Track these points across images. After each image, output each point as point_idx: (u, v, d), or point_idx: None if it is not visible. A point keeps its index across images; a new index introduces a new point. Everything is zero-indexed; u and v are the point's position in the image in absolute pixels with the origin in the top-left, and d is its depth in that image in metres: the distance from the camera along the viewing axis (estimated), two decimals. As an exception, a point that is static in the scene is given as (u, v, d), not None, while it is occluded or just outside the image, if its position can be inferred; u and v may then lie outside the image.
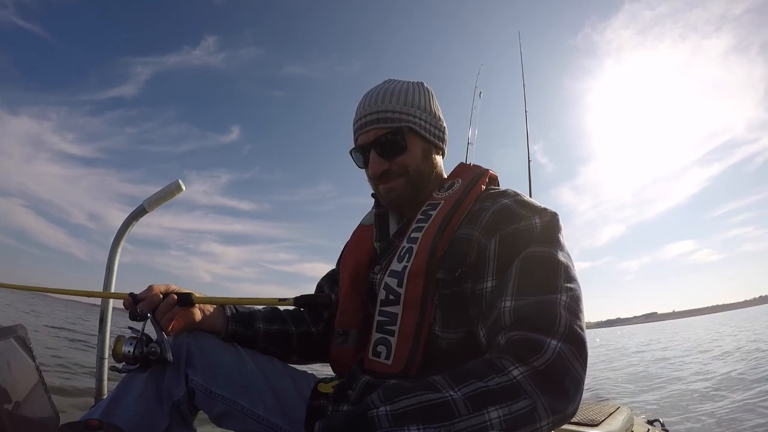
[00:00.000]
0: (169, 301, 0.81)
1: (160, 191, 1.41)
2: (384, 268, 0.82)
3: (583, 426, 1.28)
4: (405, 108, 0.85)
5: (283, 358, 0.96)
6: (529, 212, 0.73)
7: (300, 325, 1.00)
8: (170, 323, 0.82)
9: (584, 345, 0.59)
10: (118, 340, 0.78)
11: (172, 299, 0.82)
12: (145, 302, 0.81)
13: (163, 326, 0.81)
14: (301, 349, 0.99)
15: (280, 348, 0.97)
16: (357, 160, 0.90)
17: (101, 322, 1.36)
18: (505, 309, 0.63)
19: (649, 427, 1.64)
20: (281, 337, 0.97)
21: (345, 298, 0.91)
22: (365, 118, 0.86)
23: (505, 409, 0.51)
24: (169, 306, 0.81)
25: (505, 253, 0.70)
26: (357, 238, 1.00)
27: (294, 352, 0.99)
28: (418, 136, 0.86)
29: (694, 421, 3.85)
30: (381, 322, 0.77)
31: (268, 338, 0.95)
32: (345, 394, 0.78)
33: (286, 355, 0.98)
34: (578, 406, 0.56)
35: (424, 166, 0.87)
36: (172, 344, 0.81)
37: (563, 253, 0.70)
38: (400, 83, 0.89)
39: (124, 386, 0.81)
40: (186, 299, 0.83)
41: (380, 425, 0.51)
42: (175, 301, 0.82)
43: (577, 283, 0.67)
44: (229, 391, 0.82)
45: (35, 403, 1.06)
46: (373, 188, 0.92)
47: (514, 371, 0.54)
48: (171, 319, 0.82)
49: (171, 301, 0.82)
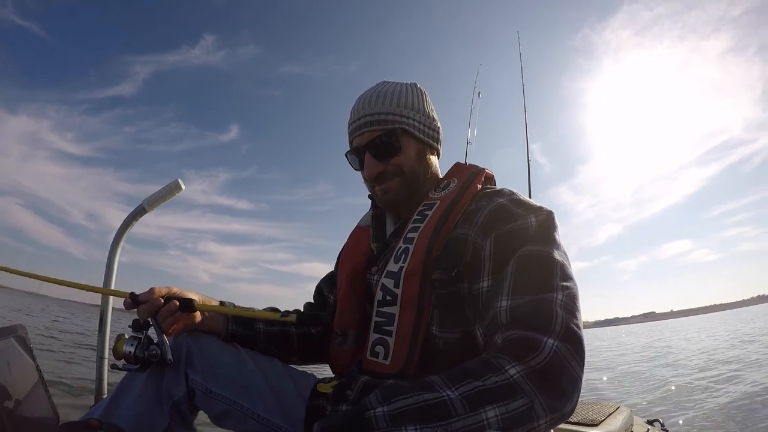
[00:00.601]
0: (171, 307, 0.82)
1: (160, 191, 1.41)
2: (381, 268, 0.82)
3: (582, 426, 1.28)
4: (398, 110, 0.86)
5: (283, 358, 0.97)
6: (524, 211, 0.73)
7: (300, 326, 1.01)
8: (171, 326, 0.83)
9: (581, 343, 0.59)
10: (119, 339, 0.79)
11: (174, 305, 0.82)
12: (147, 306, 0.81)
13: (164, 329, 0.81)
14: (302, 350, 1.00)
15: (280, 349, 0.97)
16: (353, 163, 0.91)
17: (101, 322, 1.36)
18: (501, 308, 0.64)
19: (648, 427, 1.64)
20: (282, 338, 0.98)
21: (343, 299, 0.92)
22: (359, 120, 0.86)
23: (502, 408, 0.51)
24: (171, 312, 0.82)
25: (501, 252, 0.70)
26: (354, 240, 1.00)
27: (294, 353, 1.00)
28: (411, 137, 0.87)
29: (694, 420, 3.85)
30: (378, 323, 0.77)
31: (268, 339, 0.96)
32: (344, 394, 0.79)
33: (287, 356, 0.99)
34: (576, 405, 0.56)
35: (419, 166, 0.88)
36: (172, 344, 0.82)
37: (559, 252, 0.70)
38: (393, 85, 0.90)
39: (124, 386, 0.81)
40: (188, 306, 0.83)
41: (378, 425, 0.51)
42: (176, 307, 0.83)
43: (573, 281, 0.67)
44: (229, 391, 0.82)
45: (35, 403, 1.06)
46: (369, 190, 0.93)
47: (511, 370, 0.54)
48: (172, 324, 0.83)
49: (173, 308, 0.82)
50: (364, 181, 0.91)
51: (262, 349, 0.95)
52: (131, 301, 0.83)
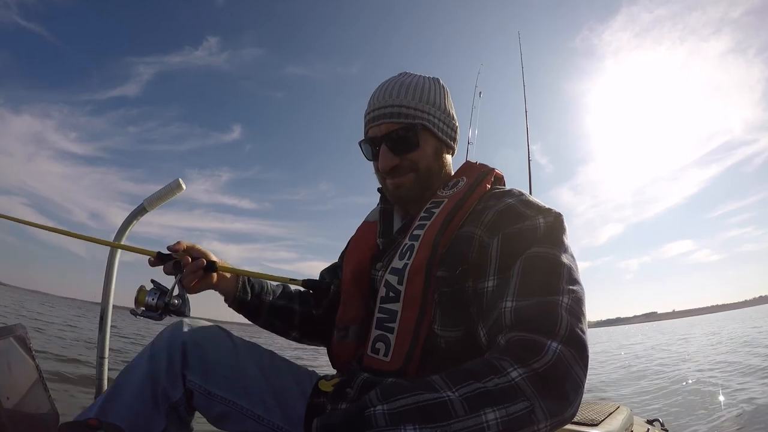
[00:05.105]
0: (199, 264, 0.88)
1: (161, 190, 1.41)
2: (386, 265, 0.82)
3: (582, 425, 1.28)
4: (420, 104, 0.84)
5: (284, 332, 1.03)
6: (533, 212, 0.72)
7: (304, 304, 1.04)
8: (192, 283, 0.89)
9: (585, 348, 0.58)
10: (141, 290, 0.86)
11: (201, 263, 0.88)
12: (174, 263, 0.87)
13: (185, 284, 0.88)
14: (302, 327, 1.04)
15: (282, 322, 1.02)
16: (366, 152, 0.89)
17: (101, 321, 1.36)
18: (506, 309, 0.63)
19: (648, 426, 1.63)
20: (285, 312, 1.02)
21: (347, 294, 0.91)
22: (378, 110, 0.84)
23: (503, 411, 0.50)
24: (197, 268, 0.88)
25: (508, 252, 0.69)
26: (361, 234, 1.00)
27: (295, 329, 1.04)
28: (431, 134, 0.86)
29: (694, 420, 3.85)
30: (381, 319, 0.76)
31: (272, 311, 1.01)
32: (344, 392, 0.78)
33: (287, 330, 1.03)
34: (577, 410, 0.56)
35: (435, 164, 0.87)
36: (168, 337, 0.83)
37: (567, 255, 0.69)
38: (416, 77, 0.88)
39: (119, 383, 0.80)
40: (210, 267, 0.90)
41: (377, 424, 0.50)
42: (203, 264, 0.88)
43: (580, 285, 0.66)
44: (228, 392, 0.81)
45: (35, 403, 1.06)
46: (380, 182, 0.92)
47: (513, 373, 0.53)
48: (192, 281, 0.89)
49: (200, 264, 0.88)
50: (376, 173, 0.90)
51: (264, 320, 1.00)
52: (157, 258, 0.88)
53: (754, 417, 3.70)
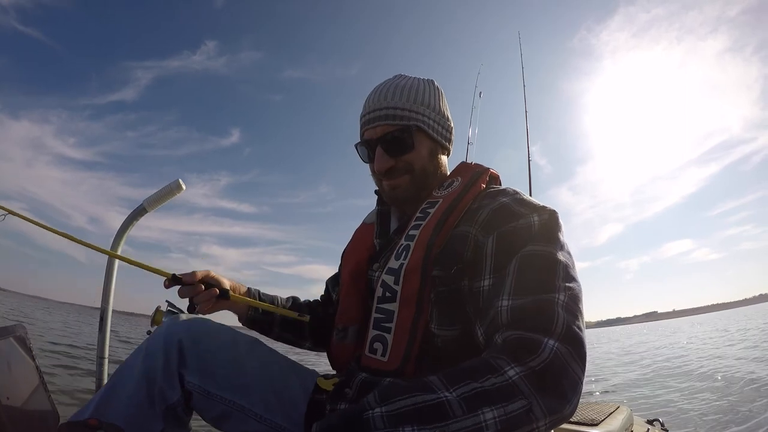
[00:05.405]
0: (212, 293, 0.90)
1: (160, 191, 1.41)
2: (382, 265, 0.82)
3: (582, 425, 1.28)
4: (414, 106, 0.85)
5: (297, 344, 1.08)
6: (527, 210, 0.73)
7: (314, 314, 1.08)
8: (205, 309, 0.93)
9: (583, 345, 0.58)
10: (158, 311, 0.94)
11: (214, 293, 0.91)
12: (189, 288, 0.88)
13: (198, 311, 0.91)
14: (313, 337, 1.08)
15: (294, 335, 1.07)
16: (362, 154, 0.90)
17: (101, 322, 1.36)
18: (502, 308, 0.63)
19: (648, 426, 1.64)
20: (296, 325, 1.07)
21: (345, 295, 0.92)
22: (374, 113, 0.85)
23: (501, 410, 0.50)
24: (210, 297, 0.90)
25: (503, 251, 0.69)
26: (359, 236, 1.01)
27: (307, 339, 1.08)
28: (425, 136, 0.86)
29: (694, 420, 3.85)
30: (378, 319, 0.77)
31: (284, 325, 1.06)
32: (342, 392, 0.78)
33: (300, 341, 1.08)
34: (576, 407, 0.56)
35: (430, 165, 0.88)
36: (164, 334, 0.82)
37: (563, 252, 0.69)
38: (411, 79, 0.89)
39: (115, 382, 0.78)
40: (224, 294, 0.93)
41: (376, 426, 0.51)
42: (216, 294, 0.91)
43: (576, 282, 0.66)
44: (228, 392, 0.80)
45: (35, 403, 1.06)
46: (377, 184, 0.92)
47: (510, 371, 0.53)
48: (206, 306, 0.92)
49: (213, 294, 0.91)
50: (372, 175, 0.91)
51: (276, 334, 1.06)
52: (172, 281, 0.88)
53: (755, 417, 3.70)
